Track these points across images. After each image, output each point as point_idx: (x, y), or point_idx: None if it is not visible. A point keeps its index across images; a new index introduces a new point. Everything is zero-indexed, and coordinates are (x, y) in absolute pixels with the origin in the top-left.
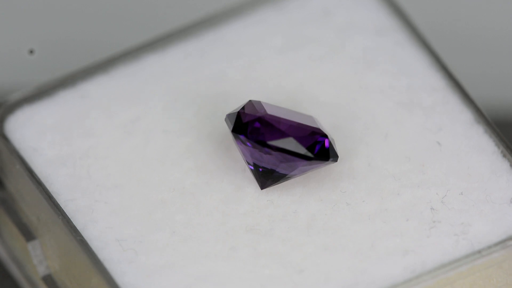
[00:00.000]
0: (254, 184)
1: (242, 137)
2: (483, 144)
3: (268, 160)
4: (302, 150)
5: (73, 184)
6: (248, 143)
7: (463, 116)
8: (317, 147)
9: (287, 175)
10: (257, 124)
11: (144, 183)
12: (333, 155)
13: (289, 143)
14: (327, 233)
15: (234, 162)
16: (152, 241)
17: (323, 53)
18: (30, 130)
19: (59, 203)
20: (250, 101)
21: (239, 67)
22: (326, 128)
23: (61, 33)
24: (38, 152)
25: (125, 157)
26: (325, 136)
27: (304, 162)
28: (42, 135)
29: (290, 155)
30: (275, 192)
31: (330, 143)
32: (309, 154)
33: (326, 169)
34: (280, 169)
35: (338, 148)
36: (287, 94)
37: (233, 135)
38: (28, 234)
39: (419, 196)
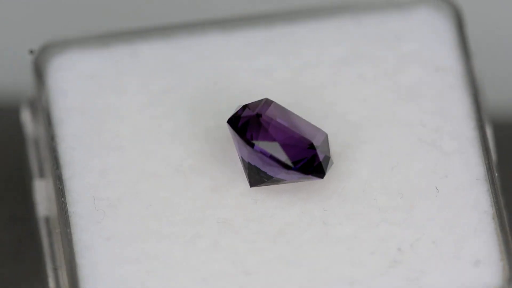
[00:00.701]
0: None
1: (234, 130)
2: (480, 201)
3: (254, 159)
4: (283, 157)
5: (81, 135)
6: (237, 138)
7: (475, 169)
8: (304, 160)
9: (272, 177)
10: (249, 121)
11: (146, 153)
12: (317, 171)
13: (273, 148)
14: (291, 245)
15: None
16: (126, 208)
17: (374, 74)
18: (69, 73)
19: (59, 148)
20: (265, 99)
21: (289, 66)
22: (333, 146)
23: (61, 33)
24: (65, 96)
25: (139, 124)
26: (313, 148)
27: (285, 170)
28: (77, 81)
29: (271, 159)
30: (264, 193)
31: (320, 159)
32: (289, 163)
33: (321, 185)
34: (265, 171)
35: (342, 166)
36: (317, 104)
37: (228, 127)
38: (41, 171)
39: (393, 234)
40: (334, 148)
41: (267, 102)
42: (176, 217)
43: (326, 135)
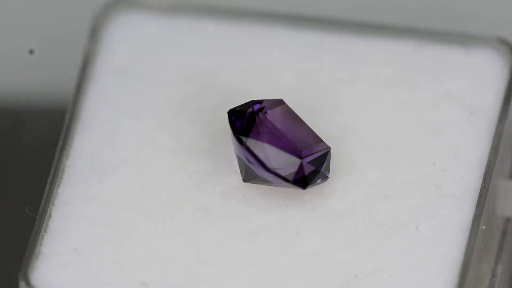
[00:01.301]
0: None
1: (229, 122)
2: (455, 249)
3: (241, 154)
4: (265, 158)
5: (108, 95)
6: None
7: (463, 218)
8: (288, 168)
9: (259, 176)
10: (246, 116)
11: (159, 127)
12: (300, 182)
13: (259, 148)
14: (252, 246)
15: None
16: (118, 175)
17: (409, 101)
18: (122, 34)
19: (83, 101)
20: (279, 99)
21: (334, 77)
22: (338, 162)
23: (61, 33)
24: (113, 54)
25: (165, 99)
26: (300, 158)
27: (267, 173)
28: (129, 43)
29: (254, 158)
30: (255, 190)
31: (305, 171)
32: (269, 165)
33: (310, 197)
34: (252, 168)
35: (338, 184)
36: (340, 117)
37: (228, 118)
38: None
39: (356, 260)
40: (338, 165)
41: (277, 102)
42: (161, 194)
43: (328, 150)
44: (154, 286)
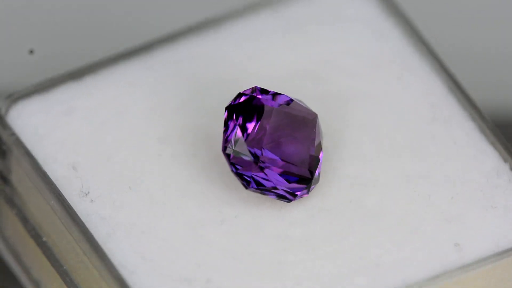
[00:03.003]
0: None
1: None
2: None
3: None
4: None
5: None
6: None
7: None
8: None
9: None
10: (244, 104)
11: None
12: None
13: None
14: (225, 247)
15: None
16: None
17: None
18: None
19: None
20: (281, 95)
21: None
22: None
23: (61, 33)
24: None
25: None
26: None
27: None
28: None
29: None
30: (255, 200)
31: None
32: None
33: (306, 216)
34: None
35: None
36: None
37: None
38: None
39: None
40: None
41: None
42: (152, 183)
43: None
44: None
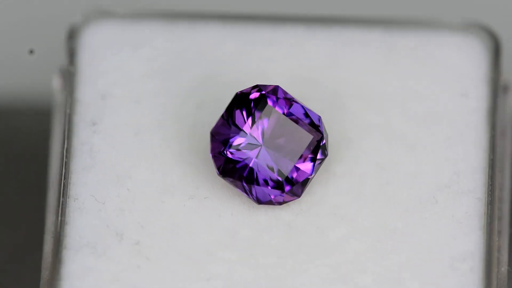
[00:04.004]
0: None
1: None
2: None
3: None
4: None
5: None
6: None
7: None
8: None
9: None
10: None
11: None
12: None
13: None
14: (175, 221)
15: None
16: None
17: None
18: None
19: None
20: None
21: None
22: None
23: (61, 33)
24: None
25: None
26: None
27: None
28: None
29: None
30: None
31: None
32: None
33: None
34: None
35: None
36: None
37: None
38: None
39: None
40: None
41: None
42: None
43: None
44: None
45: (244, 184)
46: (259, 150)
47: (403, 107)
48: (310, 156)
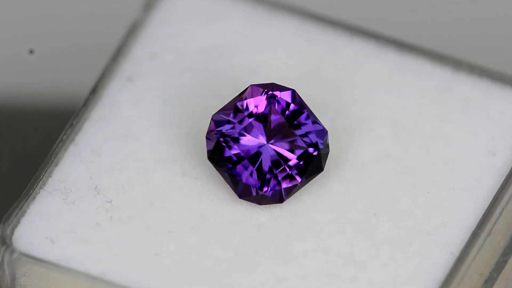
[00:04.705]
0: None
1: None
2: None
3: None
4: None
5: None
6: None
7: None
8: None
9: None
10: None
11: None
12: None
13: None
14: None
15: None
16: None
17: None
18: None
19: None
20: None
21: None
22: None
23: (61, 33)
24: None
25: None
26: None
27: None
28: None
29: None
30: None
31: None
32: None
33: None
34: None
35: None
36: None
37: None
38: None
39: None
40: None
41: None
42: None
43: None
44: None
45: (229, 174)
46: (259, 144)
47: (426, 147)
48: (297, 165)
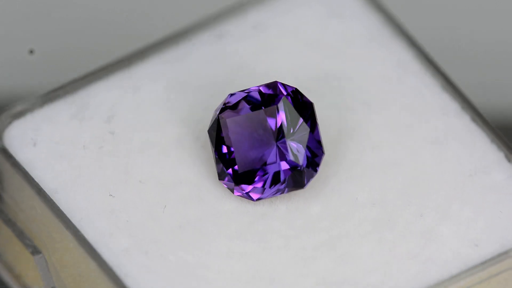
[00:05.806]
0: None
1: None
2: None
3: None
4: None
5: None
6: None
7: None
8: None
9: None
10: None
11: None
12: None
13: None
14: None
15: None
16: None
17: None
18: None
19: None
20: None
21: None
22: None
23: (61, 33)
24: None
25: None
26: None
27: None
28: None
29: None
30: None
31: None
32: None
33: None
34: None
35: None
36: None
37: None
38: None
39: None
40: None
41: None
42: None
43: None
44: None
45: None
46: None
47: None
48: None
